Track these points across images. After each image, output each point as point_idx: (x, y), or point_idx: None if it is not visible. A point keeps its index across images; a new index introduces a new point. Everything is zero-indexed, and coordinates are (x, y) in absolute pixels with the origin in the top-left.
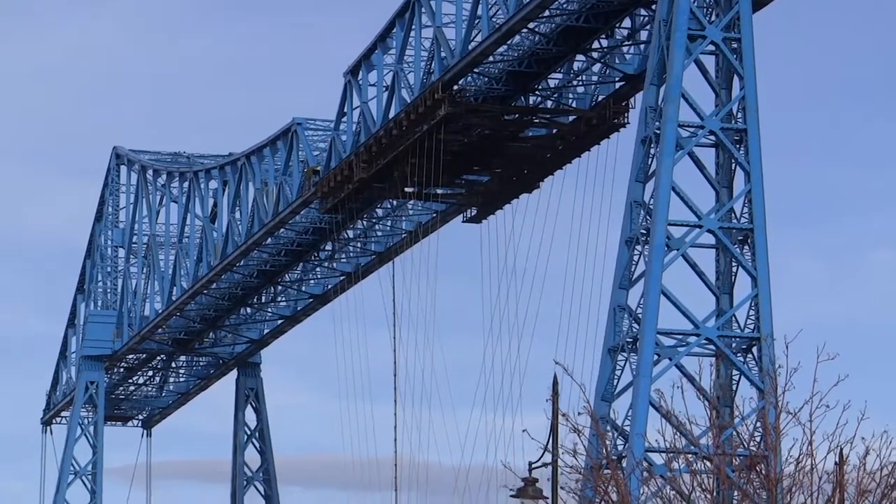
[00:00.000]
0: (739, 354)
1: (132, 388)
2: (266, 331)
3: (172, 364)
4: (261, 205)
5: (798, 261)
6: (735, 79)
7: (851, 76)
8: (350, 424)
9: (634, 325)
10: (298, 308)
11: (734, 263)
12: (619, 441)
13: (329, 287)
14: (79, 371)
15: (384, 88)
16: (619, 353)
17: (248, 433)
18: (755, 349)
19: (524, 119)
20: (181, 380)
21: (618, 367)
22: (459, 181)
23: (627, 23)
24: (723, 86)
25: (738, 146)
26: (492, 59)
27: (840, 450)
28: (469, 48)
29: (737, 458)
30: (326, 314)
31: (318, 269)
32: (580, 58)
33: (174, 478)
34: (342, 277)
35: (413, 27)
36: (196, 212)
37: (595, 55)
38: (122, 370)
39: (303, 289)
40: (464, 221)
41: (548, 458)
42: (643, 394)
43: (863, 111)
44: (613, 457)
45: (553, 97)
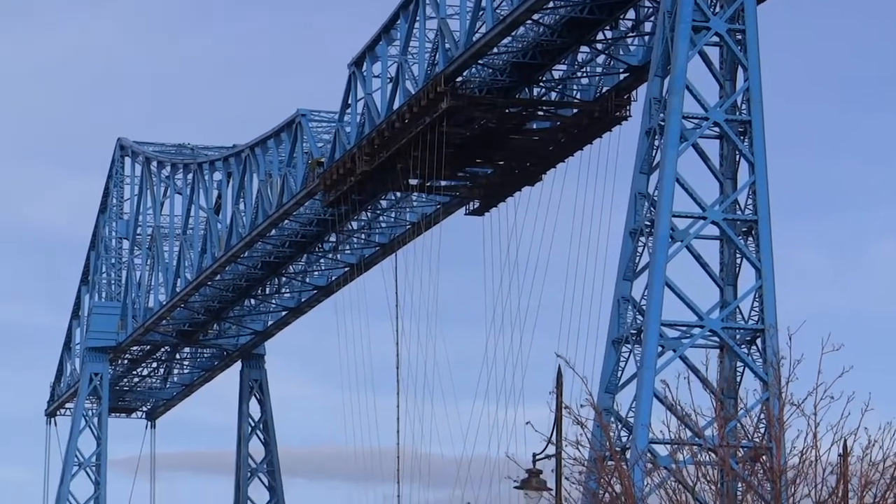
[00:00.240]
0: (743, 346)
1: (136, 380)
2: (270, 322)
3: (176, 355)
4: (265, 196)
5: (802, 253)
6: (739, 70)
7: (856, 68)
8: (353, 416)
9: (638, 317)
10: (302, 299)
11: (738, 255)
12: (623, 433)
13: (333, 278)
14: (83, 362)
15: (388, 80)
16: (624, 345)
17: (252, 425)
18: (759, 341)
19: (526, 112)
20: (185, 371)
21: (622, 359)
22: (463, 173)
23: (632, 14)
24: (727, 77)
25: (743, 137)
26: (496, 51)
27: (844, 441)
28: (473, 40)
29: (741, 450)
30: (330, 306)
31: (322, 261)
32: (584, 49)
33: (178, 469)
34: (346, 269)
35: (417, 19)
36: (200, 203)
37: (599, 46)
38: (127, 362)
39: (307, 280)
40: (466, 214)
41: (551, 450)
42: (647, 385)
43: (867, 104)
44: (617, 448)
45: (557, 88)
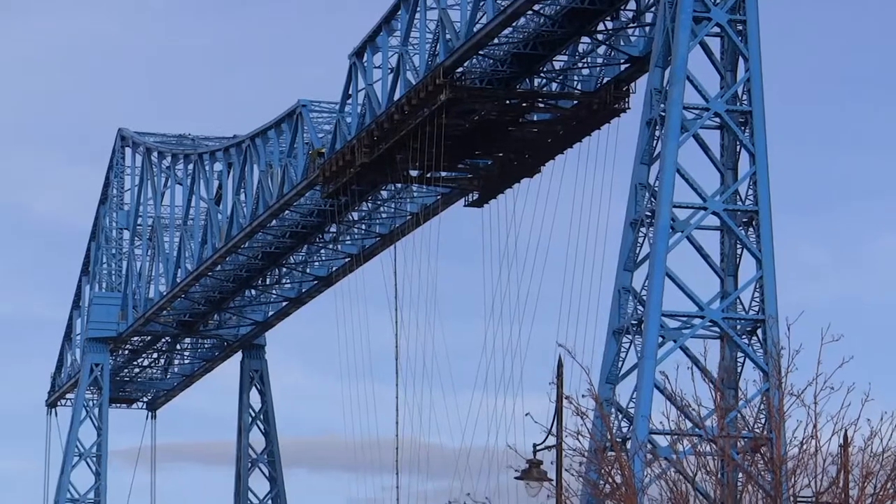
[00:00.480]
0: (744, 336)
1: (137, 370)
2: (271, 313)
3: (177, 346)
4: (265, 187)
5: (803, 245)
6: (740, 61)
7: (858, 60)
8: (352, 407)
9: (639, 307)
10: (303, 290)
11: (739, 245)
12: (624, 423)
13: (333, 269)
14: (83, 353)
15: (389, 71)
16: (624, 336)
17: (253, 415)
18: (760, 331)
19: (525, 104)
20: (186, 362)
21: (622, 350)
22: (462, 165)
23: (632, 5)
24: (728, 68)
25: (743, 128)
26: (496, 42)
27: (845, 432)
28: (474, 30)
29: (741, 440)
30: (331, 296)
31: (323, 251)
32: (585, 40)
33: (179, 460)
34: (347, 259)
35: (418, 9)
36: (201, 194)
37: (600, 37)
38: (127, 352)
39: (307, 271)
40: (466, 205)
41: (552, 441)
42: (648, 376)
43: (869, 96)
44: (618, 439)
45: (558, 79)
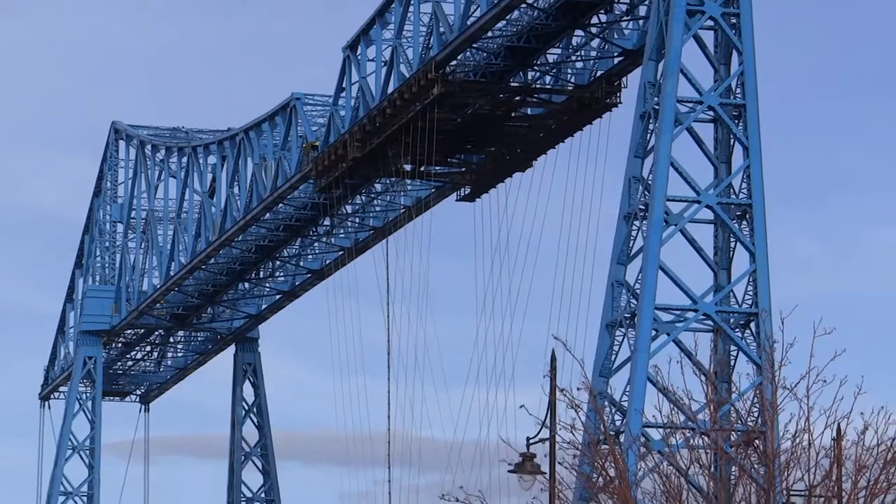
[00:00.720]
0: (737, 330)
1: (130, 364)
2: (264, 306)
3: (170, 339)
4: (259, 180)
5: (797, 238)
6: (734, 54)
7: (852, 54)
8: (344, 401)
9: (632, 301)
10: (296, 283)
11: (732, 239)
12: (617, 416)
13: (327, 262)
14: (77, 346)
15: (383, 64)
16: (618, 329)
17: (246, 408)
18: (753, 325)
19: (518, 98)
20: (179, 355)
21: (616, 343)
22: (454, 160)
23: None
24: (722, 61)
25: (737, 121)
26: (490, 35)
27: (838, 425)
28: (468, 23)
29: (734, 434)
30: (324, 290)
31: (317, 245)
32: (579, 33)
33: (172, 453)
34: (340, 252)
35: (412, 2)
36: (194, 187)
37: (594, 30)
38: (120, 345)
39: (301, 264)
40: (457, 200)
41: (545, 434)
42: (641, 369)
43: (862, 90)
44: (611, 432)
45: (551, 73)
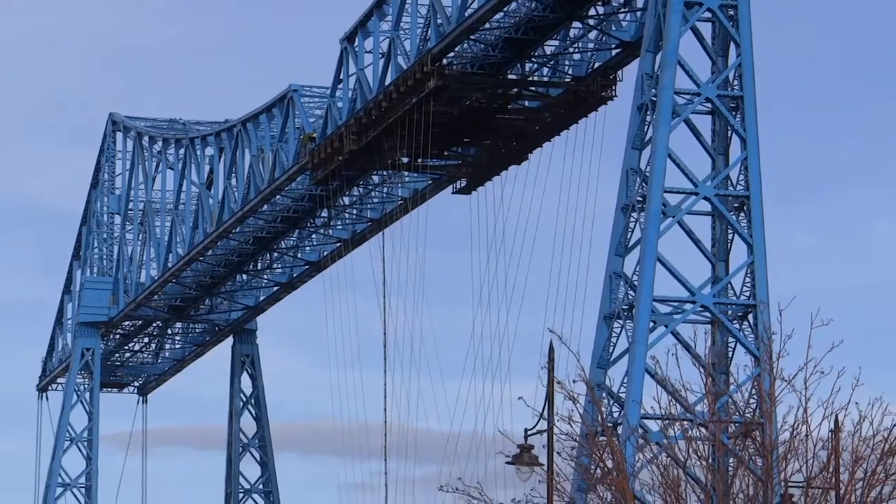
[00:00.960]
0: (735, 321)
1: (128, 355)
2: (262, 298)
3: (168, 331)
4: (257, 171)
5: (795, 230)
6: (731, 46)
7: (849, 46)
8: (340, 393)
9: (630, 293)
10: (294, 275)
11: (730, 231)
12: (615, 408)
13: (324, 254)
14: (75, 338)
15: (380, 56)
16: (615, 321)
17: (244, 400)
18: (751, 316)
19: (514, 91)
20: (177, 346)
21: (613, 335)
22: (450, 153)
23: None
24: (719, 53)
25: (735, 113)
26: (488, 26)
27: (835, 417)
28: (465, 15)
29: (732, 425)
30: (321, 282)
31: (314, 236)
32: (576, 25)
33: (170, 444)
34: (338, 244)
35: None
36: (192, 178)
37: (591, 22)
38: (118, 337)
39: (298, 256)
40: (454, 192)
41: (543, 426)
42: (639, 361)
43: (860, 82)
44: (609, 424)
45: (549, 64)
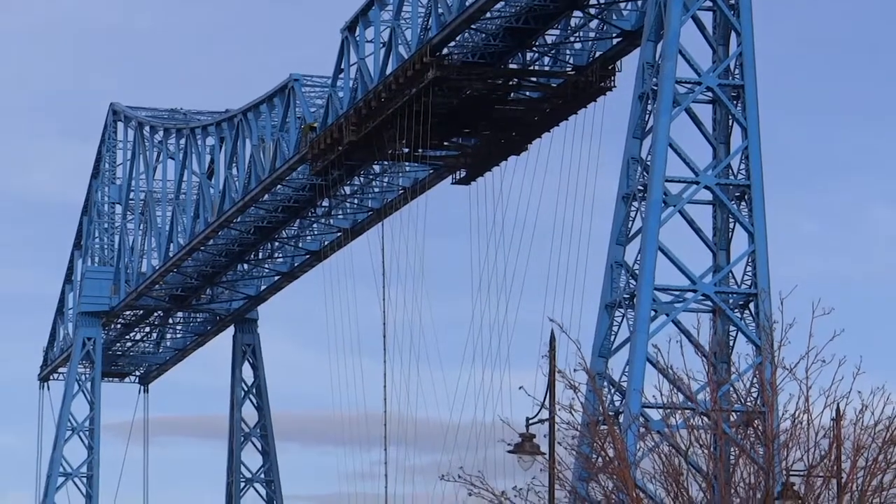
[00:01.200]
0: (736, 310)
1: (129, 345)
2: (263, 287)
3: (169, 320)
4: (258, 161)
5: (796, 219)
6: (732, 35)
7: (850, 34)
8: (340, 382)
9: (631, 282)
10: (295, 264)
11: (731, 219)
12: (616, 397)
13: (325, 243)
14: (76, 327)
15: (381, 45)
16: (617, 309)
17: (246, 389)
18: (752, 305)
19: (512, 82)
20: (178, 336)
21: (615, 324)
22: (450, 143)
23: None
24: (720, 42)
25: (736, 102)
26: (489, 16)
27: (837, 405)
28: (466, 4)
29: (734, 414)
30: (322, 271)
31: (315, 226)
32: (577, 14)
33: (171, 434)
34: (339, 234)
35: None
36: (193, 168)
37: (592, 11)
38: (120, 326)
39: (299, 245)
40: (453, 183)
41: (545, 414)
42: (640, 350)
43: (861, 69)
44: (610, 413)
45: (550, 53)
